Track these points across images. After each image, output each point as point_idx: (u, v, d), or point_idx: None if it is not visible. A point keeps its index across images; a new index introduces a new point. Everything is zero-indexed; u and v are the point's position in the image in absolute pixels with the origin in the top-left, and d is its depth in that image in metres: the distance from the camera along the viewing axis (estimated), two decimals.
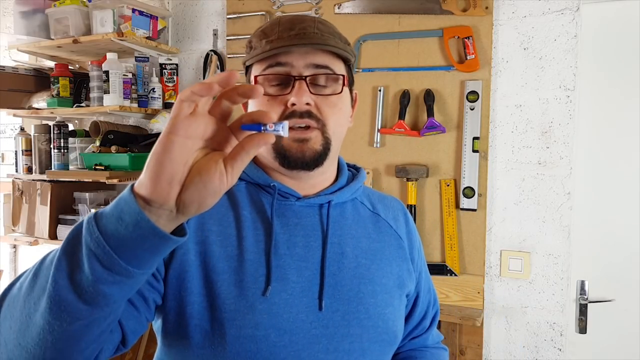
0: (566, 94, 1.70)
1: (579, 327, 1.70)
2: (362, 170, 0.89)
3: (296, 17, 0.76)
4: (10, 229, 2.49)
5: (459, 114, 1.81)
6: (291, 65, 0.73)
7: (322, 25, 0.76)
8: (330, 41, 0.74)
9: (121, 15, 2.06)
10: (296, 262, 0.74)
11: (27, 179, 2.38)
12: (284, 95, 0.73)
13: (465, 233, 1.81)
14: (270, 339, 0.69)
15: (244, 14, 2.15)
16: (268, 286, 0.71)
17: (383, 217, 0.86)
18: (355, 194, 0.85)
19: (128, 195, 0.47)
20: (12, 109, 2.36)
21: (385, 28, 1.91)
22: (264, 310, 0.70)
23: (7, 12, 2.75)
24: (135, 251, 0.48)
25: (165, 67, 2.25)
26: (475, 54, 1.76)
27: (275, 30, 0.74)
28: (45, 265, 0.52)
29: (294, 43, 0.71)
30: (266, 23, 0.79)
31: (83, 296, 0.49)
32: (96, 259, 0.48)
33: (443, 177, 1.84)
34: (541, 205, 1.74)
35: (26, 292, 0.52)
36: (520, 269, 1.76)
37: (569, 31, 1.69)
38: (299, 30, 0.73)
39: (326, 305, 0.73)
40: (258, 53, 0.74)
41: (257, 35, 0.77)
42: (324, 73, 0.74)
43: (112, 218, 0.48)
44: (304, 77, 0.73)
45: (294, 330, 0.71)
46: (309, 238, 0.77)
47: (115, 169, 2.05)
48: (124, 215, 0.47)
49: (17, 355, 0.53)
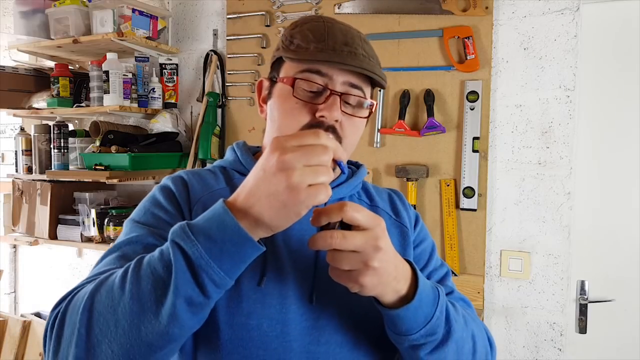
0: (566, 94, 1.70)
1: (579, 327, 1.70)
2: (363, 167, 0.90)
3: (345, 29, 0.77)
4: (10, 229, 2.49)
5: (459, 114, 1.81)
6: (330, 77, 0.74)
7: (367, 45, 0.78)
8: (376, 69, 0.76)
9: (121, 15, 2.06)
10: (291, 254, 0.75)
11: (27, 179, 2.38)
12: (315, 105, 0.74)
13: (465, 233, 1.81)
14: (262, 328, 0.70)
15: (244, 14, 2.15)
16: (263, 277, 0.72)
17: (382, 209, 0.87)
18: (354, 191, 0.86)
19: (235, 225, 0.55)
20: (12, 109, 2.36)
21: (385, 28, 1.92)
22: (258, 300, 0.71)
23: (7, 12, 2.75)
24: (241, 267, 0.58)
25: (165, 67, 2.25)
26: (475, 54, 1.76)
27: (325, 37, 0.74)
28: (145, 290, 0.56)
29: (346, 62, 0.73)
30: (310, 21, 0.78)
31: (197, 313, 0.58)
32: (214, 284, 0.56)
33: (443, 177, 1.84)
34: (541, 205, 1.74)
35: (131, 316, 0.56)
36: (520, 269, 1.76)
37: (569, 31, 1.69)
38: (352, 48, 0.74)
39: (318, 297, 0.74)
40: (306, 57, 0.74)
41: (303, 33, 0.76)
42: (357, 95, 0.76)
43: (224, 245, 0.55)
44: (339, 94, 0.74)
45: (286, 321, 0.71)
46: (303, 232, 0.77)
47: (115, 169, 2.05)
48: (236, 242, 0.55)
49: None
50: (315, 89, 0.74)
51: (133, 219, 0.75)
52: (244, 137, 2.18)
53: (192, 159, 2.20)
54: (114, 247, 0.70)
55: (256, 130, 2.16)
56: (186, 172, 0.82)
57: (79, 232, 2.25)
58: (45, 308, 2.77)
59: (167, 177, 0.81)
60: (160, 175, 2.22)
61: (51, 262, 2.74)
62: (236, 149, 0.85)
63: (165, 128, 2.17)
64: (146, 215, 0.74)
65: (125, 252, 0.68)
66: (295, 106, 0.74)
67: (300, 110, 0.74)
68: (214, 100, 2.18)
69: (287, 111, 0.75)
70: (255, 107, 2.16)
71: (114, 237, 2.13)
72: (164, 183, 0.80)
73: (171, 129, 2.18)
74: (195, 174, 0.82)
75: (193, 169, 0.85)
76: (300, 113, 0.74)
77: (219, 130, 2.19)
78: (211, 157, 2.14)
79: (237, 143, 0.87)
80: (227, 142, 2.21)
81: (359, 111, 0.77)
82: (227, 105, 2.22)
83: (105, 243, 2.18)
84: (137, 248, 0.69)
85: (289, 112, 0.75)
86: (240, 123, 2.19)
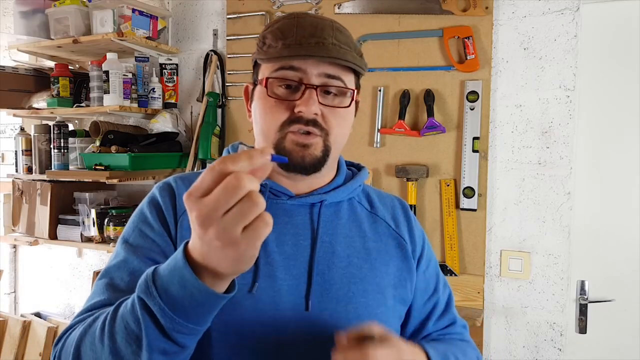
0: (566, 94, 1.70)
1: (579, 327, 1.70)
2: (364, 169, 0.88)
3: (315, 21, 0.75)
4: (10, 229, 2.49)
5: (459, 114, 1.81)
6: (304, 71, 0.73)
7: (340, 34, 0.75)
8: (348, 55, 0.74)
9: (121, 15, 2.06)
10: (285, 260, 0.74)
11: (27, 179, 2.38)
12: (292, 101, 0.73)
13: (465, 233, 1.81)
14: (256, 335, 0.70)
15: (244, 14, 2.15)
16: (255, 283, 0.71)
17: (381, 217, 0.85)
18: (353, 194, 0.84)
19: (195, 281, 0.52)
20: (12, 109, 2.36)
21: (385, 28, 1.91)
22: (250, 307, 0.71)
23: (7, 12, 2.75)
24: (211, 315, 0.56)
25: (165, 67, 2.25)
26: (475, 54, 1.76)
27: (293, 33, 0.73)
28: (121, 345, 0.57)
29: (313, 54, 0.71)
30: (282, 19, 0.77)
31: (174, 358, 0.58)
32: (184, 335, 0.56)
33: (443, 177, 1.84)
34: (541, 205, 1.74)
35: (110, 354, 0.58)
36: (520, 269, 1.76)
37: (569, 31, 1.69)
38: (319, 39, 0.72)
39: (313, 304, 0.73)
40: (274, 55, 0.73)
41: (273, 32, 0.75)
42: (335, 85, 0.74)
43: (185, 301, 0.53)
44: (315, 87, 0.73)
45: (279, 328, 0.71)
46: (298, 237, 0.77)
47: (115, 169, 2.05)
48: (197, 297, 0.53)
49: None
50: (290, 84, 0.74)
51: (123, 237, 0.77)
52: (244, 137, 2.18)
53: (192, 159, 2.20)
54: (104, 272, 0.73)
55: None
56: (175, 179, 0.81)
57: (79, 232, 2.25)
58: (45, 308, 2.77)
59: (157, 186, 0.80)
60: (160, 176, 2.22)
61: (51, 262, 2.74)
62: (231, 150, 0.85)
63: (165, 128, 2.17)
64: (134, 233, 0.76)
65: (113, 279, 0.71)
66: (274, 104, 0.74)
67: (279, 108, 0.74)
68: (214, 100, 2.18)
69: (266, 111, 0.75)
70: None
71: (114, 237, 2.13)
72: (153, 194, 0.79)
73: (171, 129, 2.18)
74: (185, 179, 0.81)
75: (184, 174, 0.84)
76: (278, 111, 0.73)
77: (219, 130, 2.19)
78: (211, 157, 2.14)
79: (233, 144, 0.86)
80: (227, 142, 2.21)
81: (341, 101, 0.76)
82: (227, 105, 2.22)
83: (105, 243, 2.17)
84: (123, 275, 0.71)
85: (267, 111, 0.75)
86: (240, 123, 2.19)
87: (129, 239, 0.75)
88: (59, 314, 2.71)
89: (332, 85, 0.74)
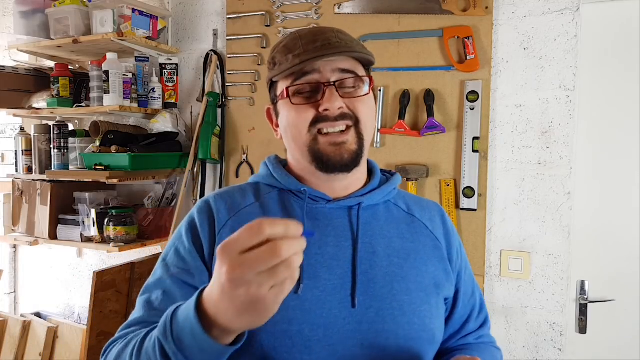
0: (566, 94, 1.70)
1: (579, 327, 1.70)
2: (397, 174, 0.91)
3: (316, 29, 0.79)
4: (10, 229, 2.49)
5: (459, 114, 1.81)
6: (319, 72, 0.76)
7: (342, 34, 0.79)
8: (355, 47, 0.77)
9: (121, 15, 2.06)
10: (327, 260, 0.77)
11: (27, 179, 2.38)
12: (315, 103, 0.76)
13: (465, 233, 1.81)
14: (304, 334, 0.72)
15: (244, 14, 2.15)
16: (300, 284, 0.74)
17: (419, 218, 0.88)
18: (388, 197, 0.87)
19: (200, 331, 0.55)
20: (12, 109, 2.36)
21: (385, 28, 1.91)
22: (297, 307, 0.73)
23: (7, 12, 2.75)
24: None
25: (165, 67, 2.25)
26: (475, 54, 1.76)
27: (298, 44, 0.77)
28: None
29: (323, 53, 0.74)
30: (285, 38, 0.81)
31: None
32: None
33: (443, 177, 1.84)
34: (541, 205, 1.74)
35: None
36: (520, 269, 1.76)
37: (569, 31, 1.69)
38: (323, 41, 0.76)
39: (359, 302, 0.75)
40: (287, 68, 0.76)
41: (280, 51, 0.79)
42: (351, 77, 0.77)
43: (194, 350, 0.57)
44: (333, 83, 0.76)
45: (327, 325, 0.73)
46: (339, 238, 0.79)
47: (115, 169, 2.05)
48: (204, 347, 0.56)
49: None
50: (310, 88, 0.77)
51: (163, 257, 0.82)
52: (244, 137, 2.18)
53: (192, 159, 2.20)
54: (145, 288, 0.80)
55: (256, 131, 2.16)
56: (215, 197, 0.85)
57: (79, 232, 2.25)
58: (45, 308, 2.77)
59: (196, 206, 0.85)
60: (160, 175, 2.22)
61: (51, 262, 2.74)
62: (268, 163, 0.88)
63: (165, 128, 2.17)
64: (171, 252, 0.81)
65: (150, 296, 0.77)
66: (299, 108, 0.77)
67: (305, 111, 0.77)
68: (214, 100, 2.18)
69: (293, 118, 0.78)
70: (255, 108, 2.16)
71: (114, 237, 2.13)
72: (192, 213, 0.84)
73: (171, 129, 2.18)
74: (224, 194, 0.85)
75: (224, 189, 0.88)
76: (304, 113, 0.77)
77: (219, 130, 2.19)
78: (211, 157, 2.14)
79: (269, 157, 0.89)
80: (227, 142, 2.21)
81: (360, 90, 0.79)
82: (227, 105, 2.22)
83: (105, 243, 2.17)
84: (158, 294, 0.76)
85: (294, 116, 0.78)
86: (240, 123, 2.19)
87: (166, 258, 0.81)
88: (59, 314, 2.71)
89: (347, 78, 0.77)
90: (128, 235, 2.15)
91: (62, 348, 2.52)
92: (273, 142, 2.10)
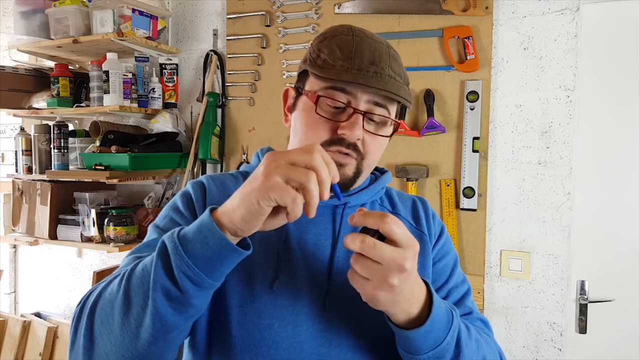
0: (566, 94, 1.70)
1: (579, 327, 1.70)
2: (388, 173, 0.90)
3: (374, 45, 0.75)
4: (10, 229, 2.49)
5: (459, 114, 1.81)
6: (354, 96, 0.74)
7: (395, 63, 0.76)
8: (401, 90, 0.75)
9: (121, 15, 2.06)
10: (306, 258, 0.77)
11: (27, 179, 2.38)
12: (337, 122, 0.74)
13: (465, 233, 1.81)
14: (273, 329, 0.72)
15: (244, 14, 2.15)
16: (276, 279, 0.74)
17: (403, 216, 0.87)
18: (376, 197, 0.86)
19: (210, 223, 0.58)
20: (12, 109, 2.36)
21: (385, 28, 1.91)
22: (269, 301, 0.73)
23: (7, 12, 2.75)
24: (219, 268, 0.60)
25: (165, 67, 2.25)
26: (475, 54, 1.76)
27: (352, 55, 0.73)
28: (134, 285, 0.61)
29: (371, 84, 0.72)
30: (339, 34, 0.76)
31: (178, 309, 0.60)
32: (188, 279, 0.59)
33: (443, 177, 1.84)
34: (541, 205, 1.74)
35: (122, 310, 0.61)
36: (520, 269, 1.76)
37: (569, 31, 1.69)
38: (378, 68, 0.73)
39: (331, 302, 0.75)
40: (332, 77, 0.73)
41: (331, 49, 0.75)
42: (381, 115, 0.75)
43: (197, 243, 0.58)
44: (363, 113, 0.74)
45: (297, 322, 0.73)
46: (320, 236, 0.79)
47: (115, 169, 2.05)
48: (209, 240, 0.58)
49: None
50: (339, 105, 0.74)
51: (155, 224, 0.81)
52: (244, 137, 2.18)
53: (192, 159, 2.20)
54: (134, 250, 0.77)
55: (256, 131, 2.16)
56: (207, 178, 0.85)
57: (79, 232, 2.25)
58: (45, 308, 2.77)
59: (190, 182, 0.86)
60: (160, 175, 2.22)
61: (51, 262, 2.74)
62: (260, 154, 0.88)
63: (165, 128, 2.17)
64: (165, 219, 0.81)
65: (142, 254, 0.74)
66: (318, 121, 0.75)
67: (323, 126, 0.75)
68: (214, 100, 2.18)
69: (310, 125, 0.76)
70: (255, 107, 2.16)
71: (114, 237, 2.13)
72: (186, 188, 0.85)
73: (171, 129, 2.18)
74: (216, 179, 0.85)
75: (216, 174, 0.88)
76: (322, 129, 0.75)
77: (219, 130, 2.19)
78: (211, 157, 2.14)
79: (262, 149, 0.90)
80: (227, 142, 2.21)
81: (382, 129, 0.77)
82: (227, 105, 2.22)
83: (105, 243, 2.17)
84: (151, 251, 0.73)
85: (311, 126, 0.76)
86: (240, 123, 2.19)
87: (159, 224, 0.80)
88: (59, 314, 2.71)
89: (377, 114, 0.75)
90: (128, 235, 2.15)
91: (62, 348, 2.52)
92: (273, 142, 2.10)
